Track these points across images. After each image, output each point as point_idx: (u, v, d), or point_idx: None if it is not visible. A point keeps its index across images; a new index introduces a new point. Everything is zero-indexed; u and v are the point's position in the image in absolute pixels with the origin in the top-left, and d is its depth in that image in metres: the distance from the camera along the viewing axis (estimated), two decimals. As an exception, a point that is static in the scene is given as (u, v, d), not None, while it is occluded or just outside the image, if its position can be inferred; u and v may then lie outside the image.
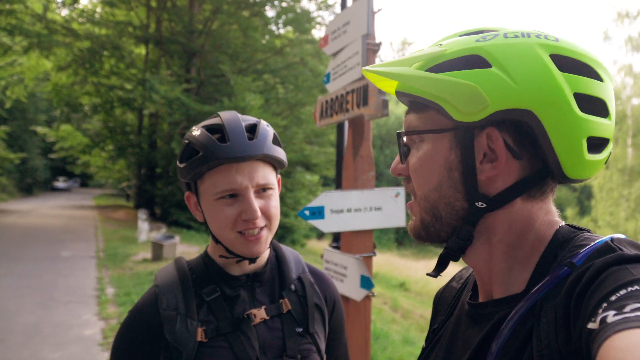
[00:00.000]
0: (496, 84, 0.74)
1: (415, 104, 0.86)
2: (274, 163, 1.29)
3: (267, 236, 1.28)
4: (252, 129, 1.26)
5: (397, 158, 0.91)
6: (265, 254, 1.38)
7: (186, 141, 1.26)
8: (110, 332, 6.58)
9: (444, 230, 0.84)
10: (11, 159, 28.74)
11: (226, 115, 1.28)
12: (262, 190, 1.26)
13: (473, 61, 0.77)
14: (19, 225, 18.55)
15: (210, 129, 1.25)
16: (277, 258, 1.42)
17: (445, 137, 0.81)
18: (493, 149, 0.78)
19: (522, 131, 0.76)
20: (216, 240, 1.29)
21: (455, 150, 0.80)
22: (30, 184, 43.76)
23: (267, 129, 1.28)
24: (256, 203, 1.22)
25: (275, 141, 1.29)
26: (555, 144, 0.74)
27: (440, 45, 0.83)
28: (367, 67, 0.87)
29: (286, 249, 1.47)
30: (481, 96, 0.74)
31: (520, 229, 0.81)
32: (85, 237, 16.33)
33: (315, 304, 1.38)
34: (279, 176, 1.38)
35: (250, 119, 1.30)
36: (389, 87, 0.97)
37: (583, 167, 0.76)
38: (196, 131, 1.25)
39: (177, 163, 1.29)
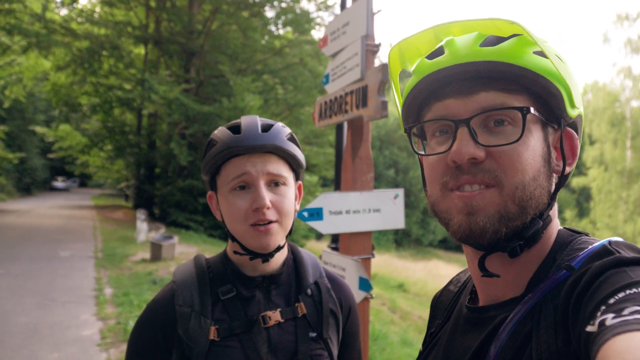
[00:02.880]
0: (577, 87, 0.80)
1: (507, 83, 0.78)
2: (289, 159, 1.31)
3: (278, 231, 1.27)
4: (268, 127, 1.30)
5: (466, 140, 0.77)
6: (282, 256, 1.38)
7: (209, 139, 1.32)
8: (109, 332, 6.56)
9: (519, 226, 0.77)
10: (10, 158, 28.66)
11: (245, 117, 1.33)
12: (275, 184, 1.28)
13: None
14: (17, 225, 18.52)
15: (229, 127, 1.31)
16: (295, 261, 1.42)
17: (541, 127, 0.79)
18: (558, 148, 0.82)
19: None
20: (233, 238, 1.31)
21: (547, 143, 0.80)
22: (28, 184, 43.69)
23: (282, 128, 1.32)
24: (268, 196, 1.24)
25: (291, 139, 1.33)
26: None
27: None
28: (529, 31, 0.74)
29: (304, 253, 1.47)
30: (580, 97, 0.79)
31: (551, 230, 0.83)
32: (84, 237, 16.31)
33: (331, 310, 1.38)
34: (300, 182, 1.41)
35: (269, 121, 1.34)
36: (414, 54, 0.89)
37: None
38: (218, 129, 1.32)
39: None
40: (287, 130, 1.33)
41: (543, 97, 0.77)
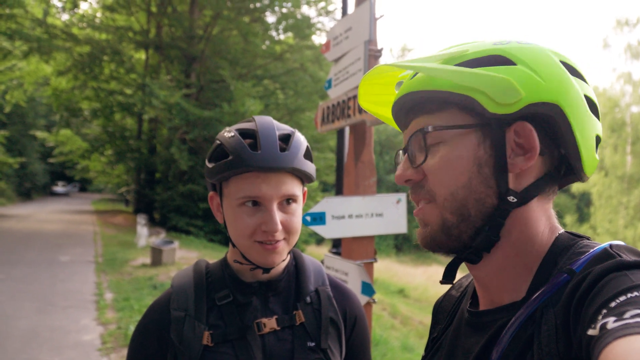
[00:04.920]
0: (526, 78, 0.76)
1: (430, 104, 0.84)
2: (303, 177, 1.27)
3: (284, 248, 1.25)
4: (286, 139, 1.24)
5: (404, 164, 0.87)
6: (283, 263, 1.34)
7: (217, 142, 1.24)
8: (109, 337, 6.54)
9: (466, 232, 0.81)
10: (10, 163, 28.64)
11: (261, 121, 1.25)
12: (287, 202, 1.23)
13: (497, 60, 0.79)
14: (17, 230, 18.49)
15: (243, 133, 1.23)
16: (297, 267, 1.38)
17: (472, 133, 0.80)
18: (520, 143, 0.79)
19: (546, 127, 0.79)
20: (234, 245, 1.27)
21: (484, 146, 0.80)
22: (29, 189, 43.66)
23: (300, 141, 1.26)
24: (278, 216, 1.20)
25: (307, 154, 1.27)
26: (578, 139, 0.77)
27: (459, 46, 0.85)
28: (391, 63, 0.83)
29: (308, 259, 1.43)
30: (516, 88, 0.75)
31: (532, 231, 0.81)
32: (84, 242, 16.29)
33: (331, 319, 1.32)
34: (305, 189, 1.36)
35: (285, 129, 1.27)
36: (381, 102, 1.02)
37: (594, 165, 0.82)
38: (229, 133, 1.23)
39: (206, 161, 1.27)
40: (304, 145, 1.27)
41: (465, 105, 0.79)
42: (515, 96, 0.75)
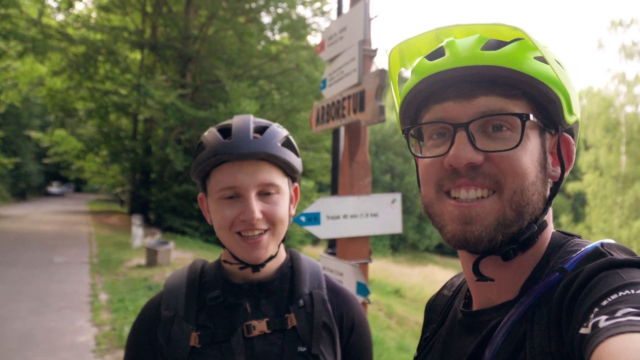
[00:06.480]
0: (575, 94, 0.80)
1: (505, 87, 0.77)
2: (282, 166, 1.25)
3: (269, 241, 1.22)
4: (261, 130, 1.24)
5: (465, 144, 0.76)
6: (276, 263, 1.31)
7: (199, 141, 1.27)
8: (104, 338, 6.52)
9: (517, 230, 0.77)
10: (5, 163, 28.56)
11: (239, 117, 1.27)
12: (267, 193, 1.22)
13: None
14: (12, 231, 18.42)
15: (220, 129, 1.25)
16: (292, 269, 1.35)
17: (538, 132, 0.79)
18: (561, 154, 0.82)
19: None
20: (223, 245, 1.27)
21: (544, 148, 0.80)
22: (23, 189, 43.51)
23: (277, 130, 1.26)
24: (258, 205, 1.19)
25: (287, 144, 1.27)
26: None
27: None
28: (524, 30, 0.73)
29: (306, 260, 1.39)
30: (578, 104, 0.78)
31: (547, 234, 0.83)
32: (79, 242, 16.23)
33: (324, 323, 1.28)
34: (296, 185, 1.35)
35: (263, 122, 1.28)
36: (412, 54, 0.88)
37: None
38: (208, 131, 1.27)
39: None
40: (283, 134, 1.26)
41: (542, 103, 0.77)
42: (578, 111, 0.79)
